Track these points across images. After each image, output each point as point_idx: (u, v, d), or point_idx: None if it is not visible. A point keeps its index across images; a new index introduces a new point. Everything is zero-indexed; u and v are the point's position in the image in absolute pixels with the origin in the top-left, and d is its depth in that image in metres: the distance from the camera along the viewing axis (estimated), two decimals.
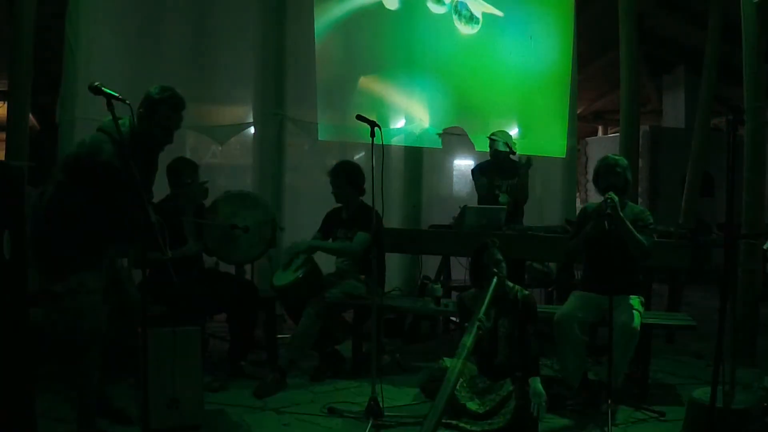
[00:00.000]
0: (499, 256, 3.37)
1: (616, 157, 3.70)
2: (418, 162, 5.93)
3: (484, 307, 3.19)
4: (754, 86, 4.55)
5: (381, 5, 5.77)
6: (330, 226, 4.25)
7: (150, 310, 2.73)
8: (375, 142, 3.15)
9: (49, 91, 4.78)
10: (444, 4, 6.04)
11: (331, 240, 4.24)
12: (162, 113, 2.87)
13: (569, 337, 3.42)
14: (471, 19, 6.19)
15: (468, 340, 3.11)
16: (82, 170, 2.79)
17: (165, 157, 4.08)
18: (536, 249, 4.52)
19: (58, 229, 2.79)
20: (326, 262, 4.19)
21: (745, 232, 4.36)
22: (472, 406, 3.20)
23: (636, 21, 5.77)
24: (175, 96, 2.93)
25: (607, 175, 3.62)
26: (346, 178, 4.13)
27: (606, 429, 3.07)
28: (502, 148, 5.10)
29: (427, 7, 5.97)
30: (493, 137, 5.20)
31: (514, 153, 5.21)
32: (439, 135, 5.97)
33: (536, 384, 3.11)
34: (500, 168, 5.13)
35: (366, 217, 3.57)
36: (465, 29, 6.18)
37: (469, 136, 6.13)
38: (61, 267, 2.79)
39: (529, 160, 5.06)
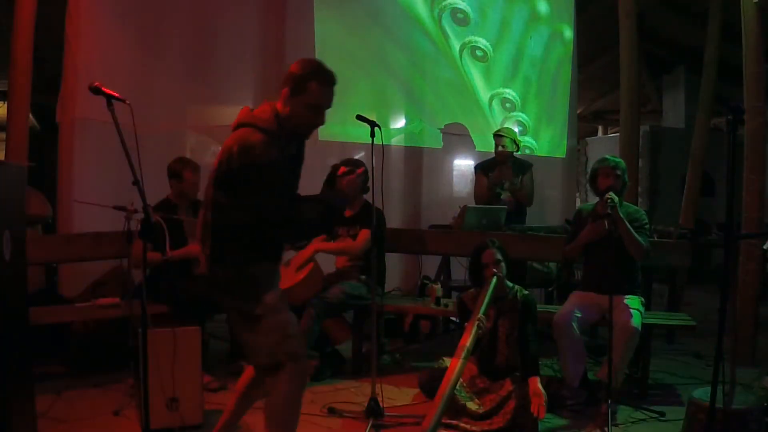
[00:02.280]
0: (499, 256, 3.38)
1: (616, 159, 3.68)
2: (418, 162, 5.93)
3: (484, 307, 3.19)
4: (754, 86, 4.55)
5: (382, 7, 5.78)
6: None
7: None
8: (375, 142, 3.15)
9: (49, 91, 4.78)
10: (444, 7, 6.05)
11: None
12: (311, 90, 2.45)
13: (569, 336, 3.42)
14: (470, 21, 6.20)
15: (468, 340, 3.11)
16: (238, 176, 2.34)
17: (166, 158, 4.11)
18: (536, 249, 4.52)
19: (224, 257, 2.39)
20: (326, 262, 4.19)
21: (745, 232, 4.36)
22: (472, 406, 3.20)
23: (636, 21, 5.77)
24: (324, 69, 2.52)
25: (606, 178, 3.61)
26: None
27: (606, 429, 3.07)
28: (509, 145, 5.11)
29: (428, 10, 5.98)
30: (499, 134, 5.20)
31: (518, 150, 5.24)
32: (440, 130, 5.98)
33: (536, 384, 3.11)
34: (504, 166, 5.14)
35: (369, 216, 3.58)
36: (464, 32, 6.18)
37: (470, 134, 6.15)
38: (253, 289, 2.41)
39: (522, 166, 5.12)
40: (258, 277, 2.43)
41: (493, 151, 5.31)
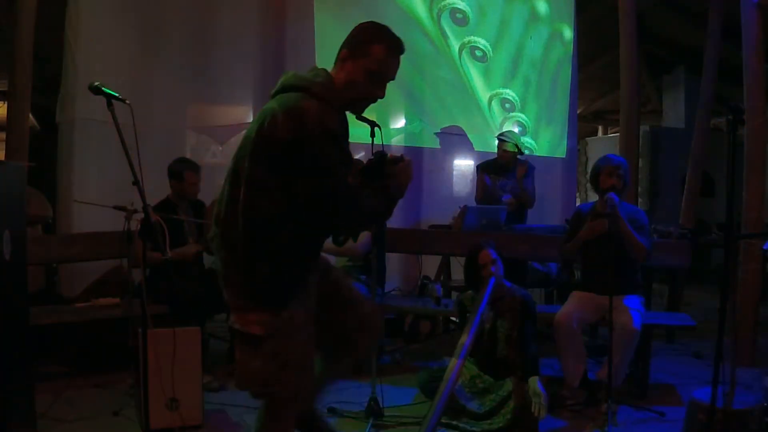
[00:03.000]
0: (495, 255, 3.38)
1: (620, 159, 3.68)
2: (418, 162, 5.93)
3: (486, 301, 3.19)
4: (754, 86, 4.55)
5: (381, 7, 5.78)
6: None
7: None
8: (375, 142, 3.15)
9: (49, 91, 4.79)
10: (443, 7, 6.05)
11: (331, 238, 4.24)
12: (376, 54, 2.08)
13: (569, 336, 3.42)
14: (469, 21, 6.20)
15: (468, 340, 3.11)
16: (284, 150, 1.88)
17: (166, 158, 4.11)
18: (536, 249, 4.52)
19: (260, 246, 1.96)
20: None
21: (745, 232, 4.36)
22: (472, 406, 3.20)
23: (636, 21, 5.77)
24: (393, 34, 2.14)
25: (609, 177, 3.61)
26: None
27: (606, 429, 3.07)
28: (512, 149, 5.11)
29: (427, 10, 5.98)
30: (502, 137, 5.20)
31: (522, 153, 5.24)
32: (437, 134, 5.98)
33: (536, 384, 3.11)
34: (506, 168, 5.14)
35: None
36: (464, 32, 6.18)
37: (468, 135, 6.14)
38: (268, 301, 1.98)
39: (525, 166, 5.13)
40: (292, 282, 2.01)
41: (493, 150, 5.31)
